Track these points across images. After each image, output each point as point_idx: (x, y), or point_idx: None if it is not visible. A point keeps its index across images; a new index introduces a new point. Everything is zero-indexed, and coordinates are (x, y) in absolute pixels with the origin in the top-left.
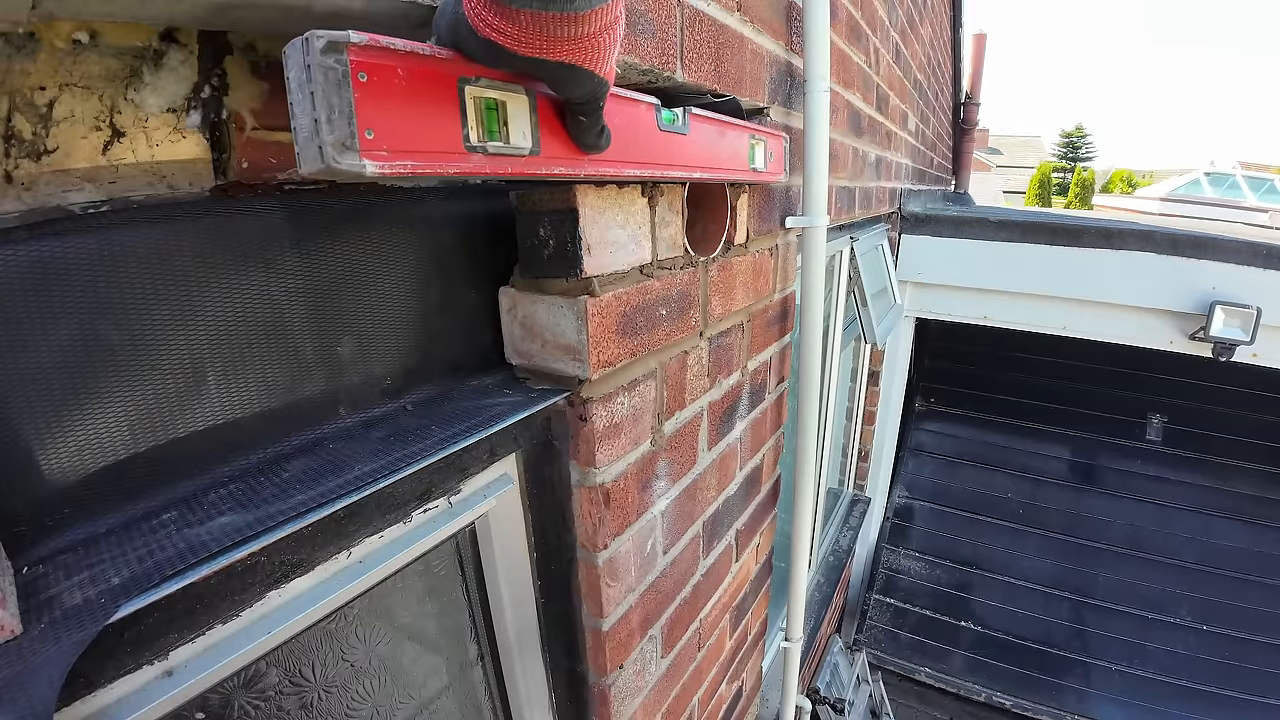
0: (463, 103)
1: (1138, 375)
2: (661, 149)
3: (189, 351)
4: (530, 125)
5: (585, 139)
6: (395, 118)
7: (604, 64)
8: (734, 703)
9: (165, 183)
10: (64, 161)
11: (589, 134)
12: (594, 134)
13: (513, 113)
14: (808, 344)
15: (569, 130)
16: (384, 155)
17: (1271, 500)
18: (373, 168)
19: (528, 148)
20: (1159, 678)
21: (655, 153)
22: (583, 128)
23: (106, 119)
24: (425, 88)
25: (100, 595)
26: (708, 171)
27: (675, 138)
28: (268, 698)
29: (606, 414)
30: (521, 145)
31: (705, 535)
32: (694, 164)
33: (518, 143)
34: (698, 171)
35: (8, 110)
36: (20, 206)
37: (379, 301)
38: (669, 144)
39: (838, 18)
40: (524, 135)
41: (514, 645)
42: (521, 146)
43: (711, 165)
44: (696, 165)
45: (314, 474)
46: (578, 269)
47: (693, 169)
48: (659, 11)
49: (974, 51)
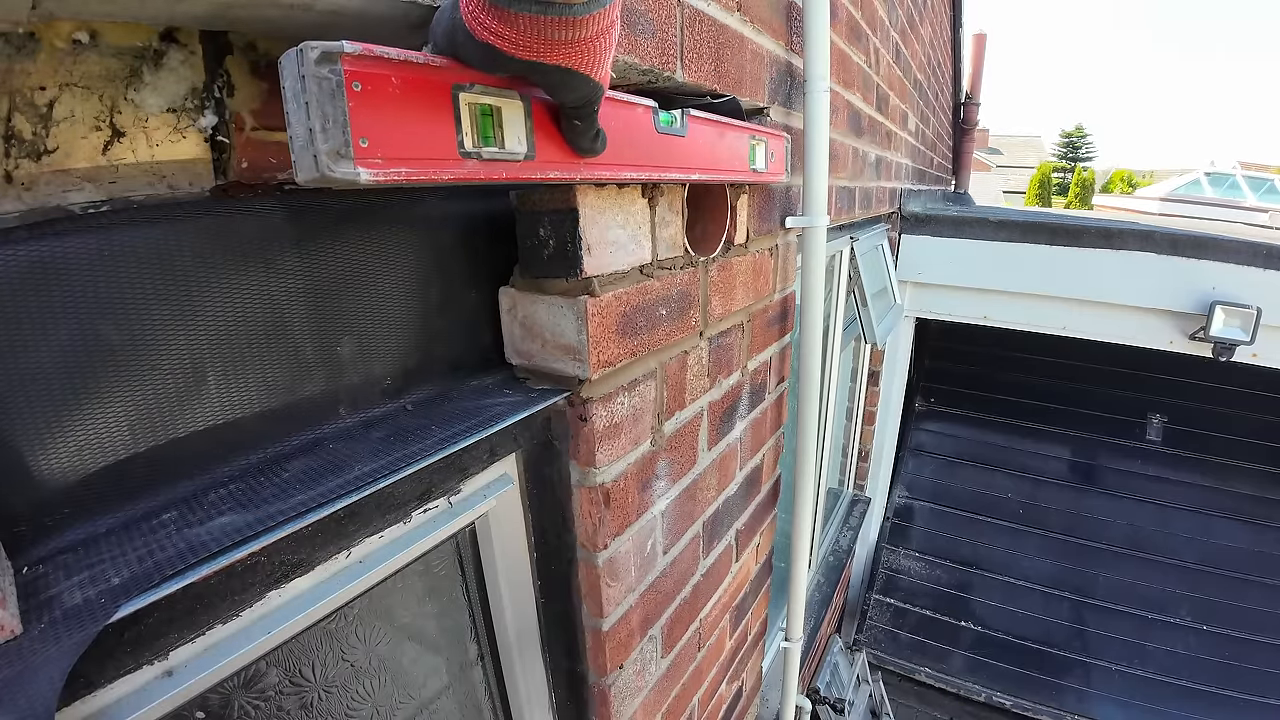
0: (457, 109)
1: (1138, 375)
2: (660, 151)
3: (189, 351)
4: (525, 130)
5: (580, 143)
6: (390, 126)
7: (599, 68)
8: (734, 703)
9: (165, 183)
10: (64, 161)
11: (584, 138)
12: (589, 138)
13: (508, 118)
14: (808, 344)
15: (564, 134)
16: (378, 163)
17: (1271, 500)
18: (367, 175)
19: (523, 152)
20: (1159, 678)
21: (653, 155)
22: (578, 132)
23: (106, 119)
24: (420, 95)
25: (100, 595)
26: (707, 173)
27: (673, 140)
28: (268, 698)
29: (606, 414)
30: (517, 150)
31: (705, 535)
32: (693, 166)
33: (513, 148)
34: (696, 173)
35: (8, 110)
36: (20, 206)
37: (379, 301)
38: (667, 146)
39: (838, 18)
40: (519, 140)
41: (514, 645)
42: (516, 152)
43: (711, 166)
44: (695, 167)
45: (314, 474)
46: (578, 269)
47: (691, 170)
48: (659, 11)
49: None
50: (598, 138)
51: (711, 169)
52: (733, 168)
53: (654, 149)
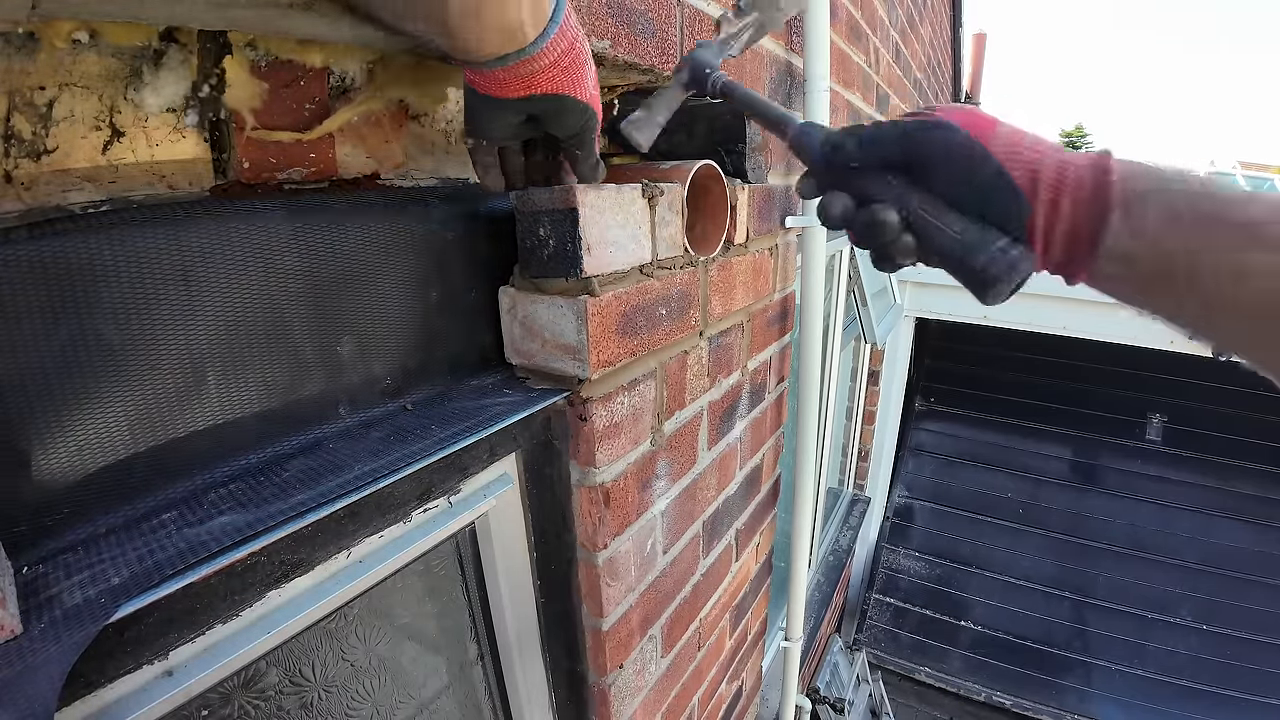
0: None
1: (1138, 375)
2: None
3: (189, 351)
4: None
5: (581, 171)
6: None
7: (580, 88)
8: (734, 702)
9: (165, 183)
10: (64, 161)
11: (584, 166)
12: (589, 166)
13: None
14: (808, 344)
15: (568, 164)
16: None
17: (1272, 500)
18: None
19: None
20: (1160, 678)
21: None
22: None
23: (106, 119)
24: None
25: (100, 595)
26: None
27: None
28: (268, 697)
29: (606, 414)
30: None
31: (705, 535)
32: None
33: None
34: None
35: (7, 110)
36: (20, 206)
37: (379, 301)
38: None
39: (838, 18)
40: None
41: (514, 645)
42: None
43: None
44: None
45: (314, 474)
46: (578, 269)
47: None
48: (659, 11)
49: (974, 51)
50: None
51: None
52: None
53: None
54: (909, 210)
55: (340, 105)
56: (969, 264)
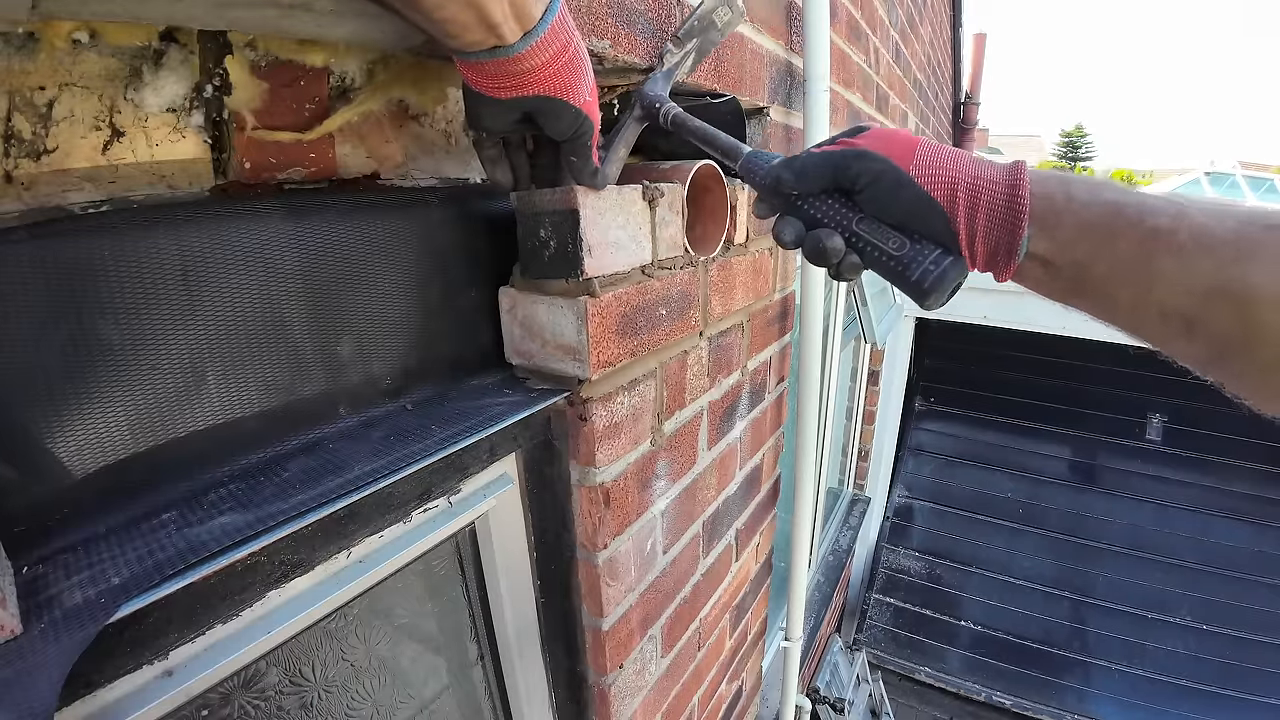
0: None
1: (1138, 375)
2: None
3: (189, 351)
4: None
5: (580, 178)
6: None
7: (573, 93)
8: (734, 702)
9: (165, 183)
10: (64, 161)
11: (583, 174)
12: (588, 174)
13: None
14: (808, 344)
15: (567, 170)
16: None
17: (1272, 500)
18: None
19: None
20: (1159, 677)
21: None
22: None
23: (106, 119)
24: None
25: (100, 595)
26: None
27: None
28: (268, 697)
29: (606, 414)
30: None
31: (705, 535)
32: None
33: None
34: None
35: (8, 110)
36: (20, 206)
37: (379, 301)
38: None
39: (838, 17)
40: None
41: (514, 645)
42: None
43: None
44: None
45: (314, 474)
46: (579, 270)
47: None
48: (658, 11)
49: (974, 51)
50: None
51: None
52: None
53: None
54: (849, 233)
55: (340, 105)
56: (907, 276)
